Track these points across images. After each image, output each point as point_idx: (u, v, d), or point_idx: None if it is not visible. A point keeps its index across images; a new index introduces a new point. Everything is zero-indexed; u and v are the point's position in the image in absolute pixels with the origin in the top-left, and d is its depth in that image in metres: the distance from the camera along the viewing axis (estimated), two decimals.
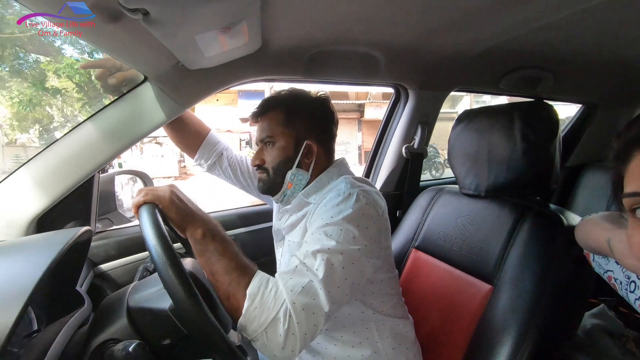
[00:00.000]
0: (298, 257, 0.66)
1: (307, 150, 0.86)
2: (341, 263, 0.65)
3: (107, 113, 0.92)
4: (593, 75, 1.41)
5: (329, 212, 0.71)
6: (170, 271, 0.54)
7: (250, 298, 0.60)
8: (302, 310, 0.59)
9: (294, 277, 0.63)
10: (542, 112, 0.90)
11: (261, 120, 0.89)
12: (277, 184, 0.87)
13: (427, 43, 1.03)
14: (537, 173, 0.90)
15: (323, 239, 0.67)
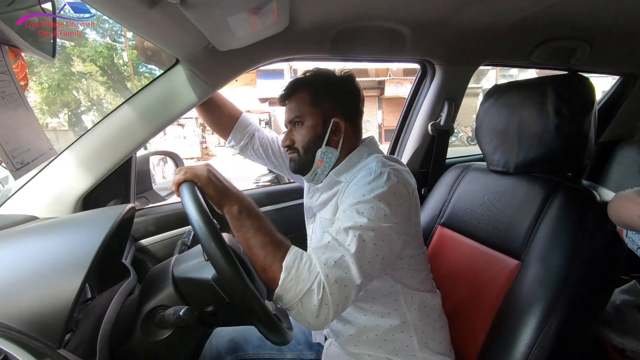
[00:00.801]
0: (330, 233, 0.69)
1: (335, 127, 0.87)
2: (372, 239, 0.67)
3: (142, 96, 0.96)
4: (633, 44, 1.33)
5: (361, 191, 0.73)
6: (213, 244, 0.58)
7: (287, 270, 0.64)
8: (335, 282, 0.63)
9: (327, 252, 0.66)
10: (577, 85, 0.86)
11: (288, 102, 0.91)
12: (307, 162, 0.89)
13: (456, 16, 1.01)
14: (570, 149, 0.87)
15: (355, 216, 0.69)
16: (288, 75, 9.63)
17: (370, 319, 0.83)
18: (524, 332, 0.77)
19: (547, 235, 0.83)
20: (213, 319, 0.68)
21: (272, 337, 0.62)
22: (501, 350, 0.81)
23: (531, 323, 0.77)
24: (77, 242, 0.60)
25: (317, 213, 0.92)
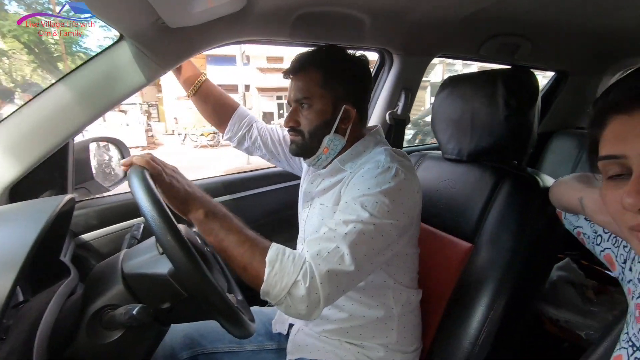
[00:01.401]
0: (328, 224, 0.68)
1: (345, 114, 0.83)
2: (371, 233, 0.67)
3: (79, 74, 0.86)
4: (566, 44, 1.45)
5: (366, 183, 0.72)
6: (168, 236, 0.54)
7: (270, 264, 0.62)
8: (327, 272, 0.62)
9: (322, 243, 0.65)
10: (524, 79, 0.92)
11: (296, 78, 0.85)
12: (312, 148, 0.85)
13: (414, 6, 1.02)
14: (517, 138, 0.94)
15: (358, 209, 0.68)
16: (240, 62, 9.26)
17: (357, 309, 0.83)
18: (476, 309, 0.83)
19: (496, 219, 0.89)
20: (169, 316, 0.63)
21: (235, 330, 0.60)
22: (456, 327, 0.86)
23: (483, 301, 0.82)
24: (7, 239, 0.53)
25: (315, 198, 0.89)
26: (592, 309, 1.04)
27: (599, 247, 0.69)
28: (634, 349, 0.52)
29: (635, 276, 0.59)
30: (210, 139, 13.95)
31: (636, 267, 0.59)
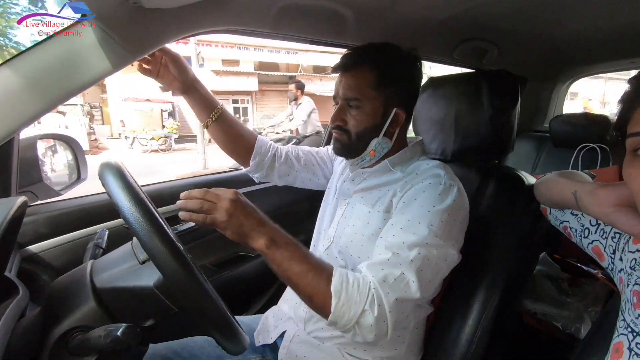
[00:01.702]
0: (390, 247, 0.67)
1: (395, 118, 0.80)
2: (436, 258, 0.67)
3: (29, 58, 0.73)
4: (527, 51, 1.54)
5: (430, 200, 0.71)
6: (157, 240, 0.46)
7: (336, 295, 0.61)
8: (395, 300, 0.62)
9: (386, 269, 0.64)
10: (506, 81, 0.95)
11: (346, 75, 0.80)
12: (358, 149, 0.81)
13: (395, 5, 1.02)
14: (501, 138, 0.96)
15: (423, 229, 0.67)
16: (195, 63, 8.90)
17: None
18: (471, 307, 0.82)
19: (484, 217, 0.90)
20: (152, 334, 0.55)
21: (231, 345, 0.53)
22: (452, 328, 0.84)
23: (477, 299, 0.82)
24: None
25: (354, 196, 0.85)
26: (567, 300, 1.10)
27: (586, 240, 0.71)
28: (634, 334, 0.53)
29: (627, 265, 0.61)
30: (161, 143, 13.26)
31: (627, 257, 0.61)
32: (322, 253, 0.88)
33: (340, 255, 0.83)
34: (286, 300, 0.99)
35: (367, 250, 0.78)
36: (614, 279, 0.65)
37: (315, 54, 16.00)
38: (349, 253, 0.81)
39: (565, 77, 1.85)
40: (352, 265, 0.80)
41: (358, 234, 0.80)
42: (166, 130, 14.05)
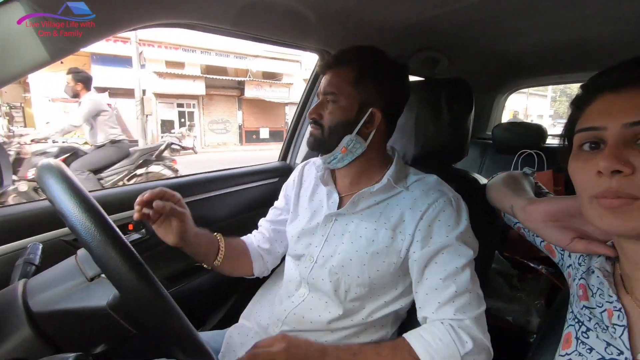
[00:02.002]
0: (447, 278, 0.71)
1: (370, 118, 0.79)
2: (474, 269, 0.75)
3: None
4: (474, 63, 1.66)
5: (454, 220, 0.76)
6: (112, 250, 0.40)
7: (430, 357, 0.65)
8: (475, 319, 0.69)
9: (457, 300, 0.70)
10: (462, 89, 1.00)
11: (330, 72, 0.82)
12: (329, 144, 0.80)
13: (358, 10, 1.03)
14: (458, 142, 1.00)
15: (464, 249, 0.74)
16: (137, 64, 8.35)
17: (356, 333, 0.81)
18: None
19: None
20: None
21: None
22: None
23: None
24: None
25: (347, 216, 0.82)
26: (517, 295, 1.17)
27: (539, 239, 0.76)
28: (580, 324, 0.57)
29: (575, 261, 0.66)
30: None
31: (575, 253, 0.66)
32: (307, 276, 0.83)
33: (331, 277, 0.79)
34: (249, 317, 0.94)
35: (369, 269, 0.76)
36: (564, 274, 0.70)
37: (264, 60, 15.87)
38: (346, 273, 0.78)
39: (505, 88, 2.02)
40: (347, 287, 0.78)
41: (360, 252, 0.77)
42: None
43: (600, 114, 0.48)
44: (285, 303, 0.84)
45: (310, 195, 0.91)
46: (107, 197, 0.97)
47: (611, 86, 0.47)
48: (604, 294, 0.54)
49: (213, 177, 1.25)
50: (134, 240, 0.99)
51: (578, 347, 0.56)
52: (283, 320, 0.82)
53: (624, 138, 0.45)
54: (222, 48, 14.59)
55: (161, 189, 0.75)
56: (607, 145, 0.46)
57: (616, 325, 0.50)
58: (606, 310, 0.53)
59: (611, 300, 0.52)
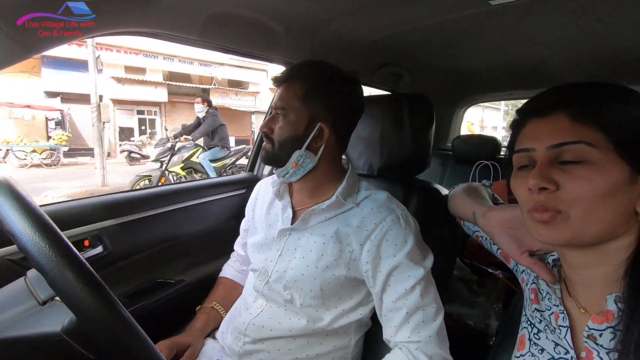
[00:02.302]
0: (397, 300, 0.74)
1: (319, 132, 0.79)
2: (429, 280, 0.77)
3: None
4: (434, 79, 1.75)
5: (402, 239, 0.77)
6: (68, 270, 0.38)
7: None
8: (435, 340, 0.72)
9: (410, 321, 0.73)
10: (423, 103, 1.05)
11: (282, 87, 0.82)
12: (280, 159, 0.80)
13: (326, 24, 1.06)
14: (420, 154, 1.05)
15: (412, 267, 0.75)
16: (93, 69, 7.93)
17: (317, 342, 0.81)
18: None
19: None
20: None
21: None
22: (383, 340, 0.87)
23: None
24: None
25: (299, 231, 0.83)
26: (477, 300, 1.23)
27: (495, 247, 0.80)
28: (532, 326, 0.61)
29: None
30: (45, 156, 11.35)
31: None
32: (261, 289, 0.83)
33: (286, 290, 0.80)
34: (214, 333, 0.93)
35: (320, 282, 0.77)
36: (518, 279, 0.75)
37: (230, 68, 15.69)
38: (299, 287, 0.79)
39: (463, 103, 2.15)
40: (302, 300, 0.79)
41: (311, 267, 0.78)
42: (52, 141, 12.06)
43: (530, 138, 0.53)
44: (243, 315, 0.83)
45: (266, 209, 0.91)
46: (59, 212, 0.91)
47: (539, 111, 0.52)
48: (552, 297, 0.59)
49: (178, 189, 1.21)
50: (91, 256, 0.94)
51: (531, 348, 0.59)
52: (244, 332, 0.81)
53: (549, 158, 0.49)
54: (186, 55, 14.24)
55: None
56: (536, 165, 0.51)
57: (561, 327, 0.54)
58: (553, 312, 0.57)
59: (557, 303, 0.57)
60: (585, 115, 0.47)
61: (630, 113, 0.45)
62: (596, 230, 0.47)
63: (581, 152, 0.46)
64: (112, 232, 0.99)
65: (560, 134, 0.48)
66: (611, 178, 0.45)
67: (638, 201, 0.46)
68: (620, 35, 1.07)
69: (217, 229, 1.29)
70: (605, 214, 0.46)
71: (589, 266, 0.52)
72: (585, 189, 0.46)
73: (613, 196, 0.45)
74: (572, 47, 1.22)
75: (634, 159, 0.45)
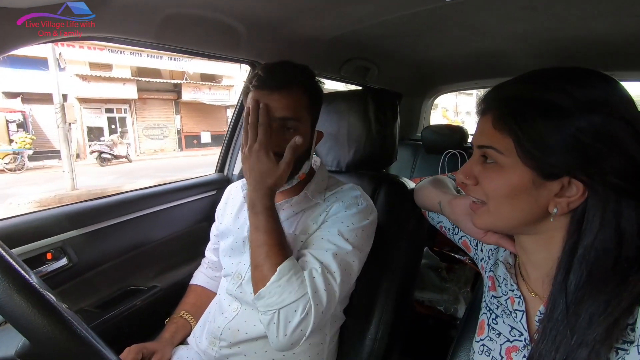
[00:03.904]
0: (316, 256, 0.71)
1: (316, 139, 0.83)
2: (350, 267, 0.73)
3: None
4: (401, 71, 1.77)
5: (350, 219, 0.77)
6: (18, 298, 0.38)
7: (279, 274, 0.65)
8: (321, 313, 0.66)
9: (317, 278, 0.67)
10: (387, 98, 1.07)
11: (281, 95, 0.73)
12: (293, 174, 0.77)
13: (288, 22, 1.05)
14: (386, 149, 1.07)
15: (341, 241, 0.74)
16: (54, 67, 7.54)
17: None
18: (373, 306, 0.90)
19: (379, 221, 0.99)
20: None
21: None
22: (358, 329, 0.90)
23: (378, 298, 0.90)
24: None
25: None
26: (446, 286, 1.28)
27: (457, 236, 0.84)
28: (490, 312, 0.65)
29: (486, 254, 0.74)
30: (8, 161, 10.78)
31: (485, 248, 0.75)
32: (234, 292, 0.84)
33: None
34: (189, 339, 0.93)
35: None
36: (478, 266, 0.79)
37: (201, 61, 15.28)
38: None
39: (430, 93, 2.19)
40: None
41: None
42: (15, 145, 11.45)
43: (474, 135, 0.57)
44: (218, 320, 0.84)
45: (236, 213, 0.92)
46: (18, 226, 0.88)
47: (480, 111, 0.55)
48: (508, 282, 0.62)
49: (146, 194, 1.19)
50: (55, 269, 0.91)
51: (489, 333, 0.63)
52: (219, 336, 0.81)
53: (477, 156, 0.55)
54: (154, 49, 13.73)
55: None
56: None
57: (517, 311, 0.58)
58: (510, 297, 0.60)
59: (513, 288, 0.60)
60: (502, 122, 0.50)
61: (542, 125, 0.47)
62: (508, 223, 0.53)
63: (493, 155, 0.51)
64: (77, 242, 0.97)
65: (484, 136, 0.53)
66: (511, 182, 0.50)
67: (550, 203, 0.49)
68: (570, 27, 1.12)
69: (188, 233, 1.28)
70: (511, 211, 0.52)
71: (535, 251, 0.55)
72: (492, 187, 0.52)
73: (516, 197, 0.50)
74: (527, 39, 1.27)
75: (539, 167, 0.48)
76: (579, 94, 0.45)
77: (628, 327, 0.43)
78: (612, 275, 0.44)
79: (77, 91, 12.58)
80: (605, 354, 0.42)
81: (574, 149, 0.45)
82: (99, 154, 11.69)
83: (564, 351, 0.45)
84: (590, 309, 0.44)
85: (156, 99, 15.02)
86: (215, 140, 16.40)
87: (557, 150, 0.46)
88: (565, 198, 0.47)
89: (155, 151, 14.91)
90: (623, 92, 0.47)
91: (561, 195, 0.48)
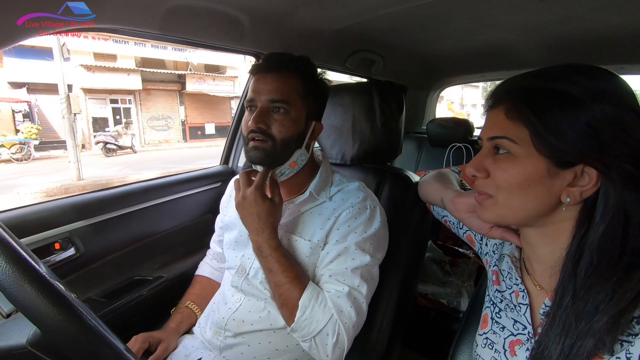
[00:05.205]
0: (338, 278, 0.74)
1: (313, 131, 0.81)
2: (372, 275, 0.78)
3: None
4: (407, 63, 1.75)
5: (362, 227, 0.79)
6: (29, 287, 0.38)
7: (302, 309, 0.70)
8: (352, 328, 0.71)
9: (342, 298, 0.72)
10: (393, 90, 1.06)
11: (274, 76, 0.77)
12: (282, 158, 0.77)
13: (292, 13, 1.04)
14: (391, 142, 1.07)
15: (359, 254, 0.76)
16: (59, 56, 7.56)
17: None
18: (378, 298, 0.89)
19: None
20: None
21: None
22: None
23: (383, 291, 0.90)
24: None
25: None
26: (449, 279, 1.29)
27: (462, 230, 0.84)
28: (494, 306, 0.66)
29: (491, 249, 0.74)
30: (14, 151, 10.87)
31: (490, 242, 0.75)
32: (240, 285, 0.85)
33: (263, 286, 0.81)
34: (194, 329, 0.95)
35: None
36: (483, 261, 0.79)
37: (206, 51, 15.19)
38: None
39: (436, 86, 2.16)
40: None
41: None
42: (21, 135, 11.52)
43: (482, 128, 0.57)
44: (222, 311, 0.85)
45: None
46: (27, 216, 0.89)
47: (489, 104, 0.56)
48: (512, 277, 0.62)
49: (151, 185, 1.20)
50: (63, 259, 0.93)
51: (493, 326, 0.63)
52: (224, 327, 0.82)
53: (489, 148, 0.55)
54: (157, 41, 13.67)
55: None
56: None
57: (521, 304, 0.58)
58: (514, 291, 0.61)
59: (517, 282, 0.60)
60: (517, 112, 0.50)
61: (558, 114, 0.47)
62: (518, 215, 0.53)
63: (506, 145, 0.52)
64: (84, 233, 0.98)
65: (496, 128, 0.53)
66: (526, 171, 0.50)
67: (563, 192, 0.49)
68: (580, 19, 1.10)
69: (193, 224, 1.29)
70: (524, 202, 0.51)
71: (541, 244, 0.56)
72: (504, 177, 0.52)
73: (529, 186, 0.50)
74: (537, 32, 1.24)
75: (555, 155, 0.48)
76: (589, 85, 0.47)
77: (634, 319, 0.43)
78: (618, 265, 0.45)
79: (82, 81, 12.60)
80: (610, 344, 0.43)
81: (590, 137, 0.46)
82: (104, 144, 11.73)
83: (570, 340, 0.45)
84: (599, 295, 0.45)
85: (160, 90, 15.01)
86: (220, 132, 16.39)
87: (574, 138, 0.46)
88: (578, 187, 0.48)
89: (159, 142, 14.96)
90: (626, 85, 0.49)
91: (574, 185, 0.49)
